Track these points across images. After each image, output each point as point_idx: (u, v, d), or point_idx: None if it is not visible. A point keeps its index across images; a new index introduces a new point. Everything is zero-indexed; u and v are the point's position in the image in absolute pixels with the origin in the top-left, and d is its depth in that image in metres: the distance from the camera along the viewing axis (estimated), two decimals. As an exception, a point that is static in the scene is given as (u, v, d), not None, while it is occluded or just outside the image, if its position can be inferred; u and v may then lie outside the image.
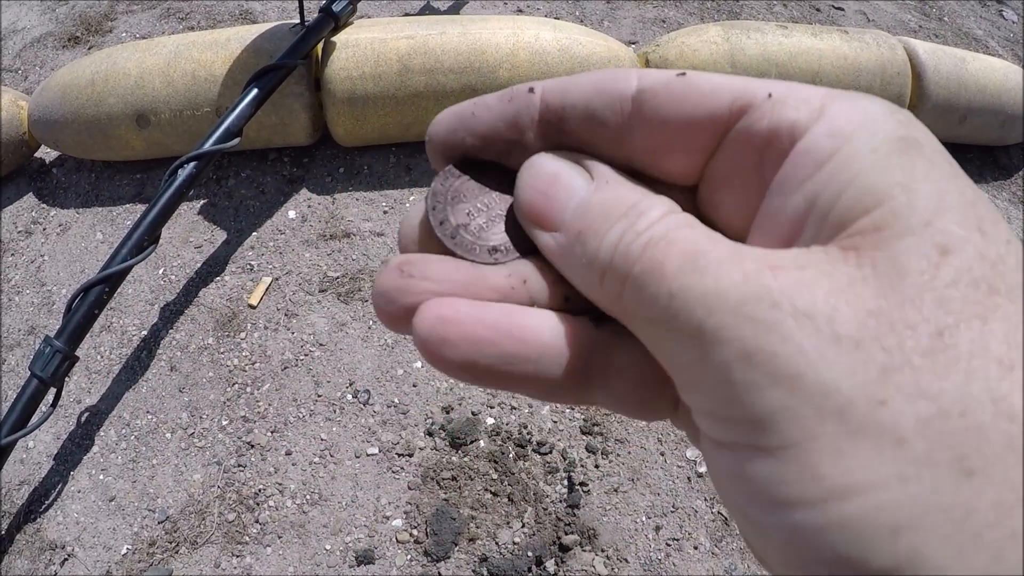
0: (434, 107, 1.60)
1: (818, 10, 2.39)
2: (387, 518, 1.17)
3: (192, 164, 1.28)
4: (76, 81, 1.56)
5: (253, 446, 1.24)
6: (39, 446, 1.25)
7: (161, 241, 1.29)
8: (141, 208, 1.57)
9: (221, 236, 1.54)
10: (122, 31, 2.05)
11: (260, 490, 1.19)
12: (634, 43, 2.11)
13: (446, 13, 2.14)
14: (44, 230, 1.57)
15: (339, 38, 1.59)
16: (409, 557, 1.12)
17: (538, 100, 0.19)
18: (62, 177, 1.68)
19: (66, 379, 1.19)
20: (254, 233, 1.55)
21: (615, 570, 1.12)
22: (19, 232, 1.57)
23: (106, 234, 1.55)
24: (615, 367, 0.18)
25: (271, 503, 1.18)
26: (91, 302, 1.17)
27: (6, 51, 2.01)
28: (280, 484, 1.20)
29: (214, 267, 1.49)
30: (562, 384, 0.17)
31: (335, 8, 1.55)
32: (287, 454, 1.23)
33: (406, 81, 1.57)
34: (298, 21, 1.54)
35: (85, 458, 1.23)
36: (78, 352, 1.18)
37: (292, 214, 1.59)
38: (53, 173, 1.69)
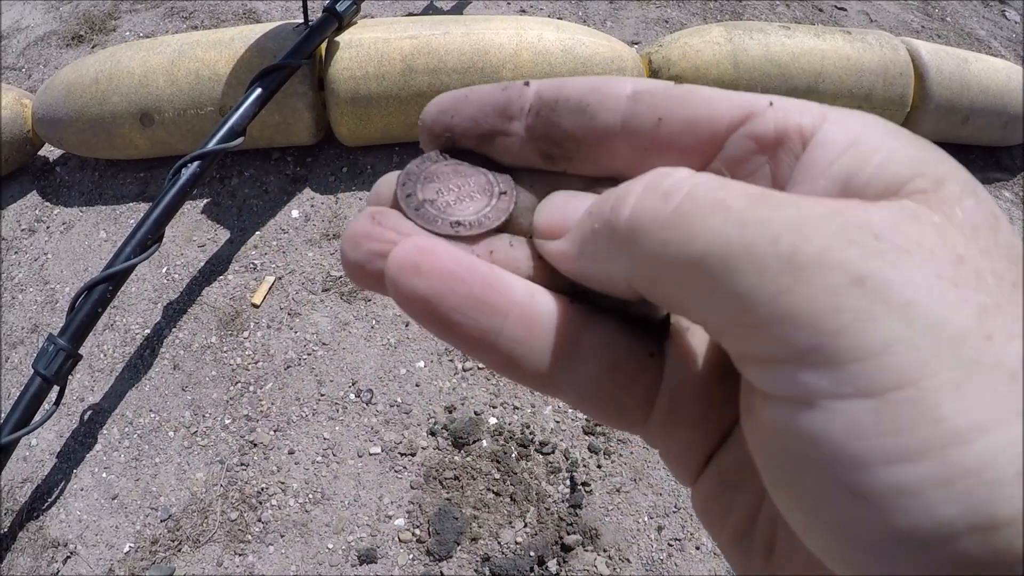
0: (437, 107, 1.60)
1: (821, 10, 2.39)
2: (389, 517, 1.17)
3: (196, 163, 1.29)
4: (80, 79, 1.57)
5: (256, 445, 1.24)
6: (42, 444, 1.25)
7: (164, 240, 1.29)
8: (144, 207, 1.58)
9: (224, 235, 1.55)
10: (126, 30, 2.05)
11: (263, 489, 1.19)
12: (637, 43, 2.11)
13: (449, 13, 2.14)
14: (48, 228, 1.57)
15: (343, 38, 1.59)
16: (411, 556, 1.13)
17: (531, 92, 0.19)
18: (66, 175, 1.68)
19: (69, 377, 1.20)
20: (257, 232, 1.55)
21: (617, 570, 1.13)
22: (23, 230, 1.57)
23: (109, 232, 1.56)
24: (585, 348, 0.17)
25: (274, 502, 1.18)
26: (94, 300, 1.17)
27: (10, 49, 2.01)
28: (283, 483, 1.20)
29: (217, 266, 1.49)
30: (526, 356, 0.17)
31: (339, 8, 1.55)
32: (290, 453, 1.23)
33: (409, 81, 1.57)
34: (302, 21, 1.55)
35: (88, 456, 1.24)
36: (81, 350, 1.18)
37: (295, 213, 1.59)
38: (57, 171, 1.69)
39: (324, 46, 1.59)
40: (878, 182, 0.14)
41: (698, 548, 1.15)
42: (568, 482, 1.21)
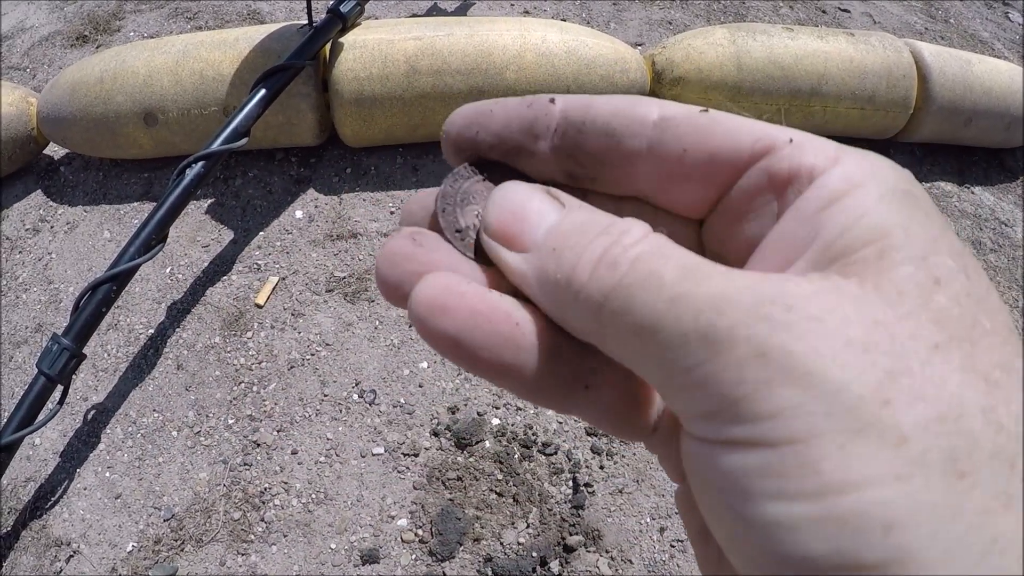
0: (441, 108, 1.60)
1: (824, 12, 2.39)
2: (392, 518, 1.17)
3: (200, 163, 1.29)
4: (85, 78, 1.57)
5: (259, 445, 1.24)
6: (46, 443, 1.25)
7: (168, 240, 1.29)
8: (149, 207, 1.58)
9: (228, 235, 1.55)
10: (130, 30, 2.06)
11: (266, 489, 1.19)
12: (640, 45, 2.11)
13: (453, 14, 2.14)
14: (52, 228, 1.58)
15: (347, 39, 1.60)
16: (414, 557, 1.13)
17: (557, 111, 0.19)
18: (70, 175, 1.68)
19: (73, 377, 1.20)
20: (261, 233, 1.56)
21: (619, 571, 1.13)
22: (27, 230, 1.58)
23: (113, 232, 1.56)
24: (602, 376, 0.18)
25: (277, 502, 1.18)
26: (99, 300, 1.17)
27: (15, 49, 2.02)
28: (286, 483, 1.20)
29: (221, 266, 1.49)
30: (546, 384, 0.17)
31: (343, 9, 1.56)
32: (293, 453, 1.24)
33: (413, 82, 1.57)
34: (306, 22, 1.55)
35: (91, 455, 1.24)
36: (85, 350, 1.18)
37: (299, 214, 1.59)
38: (61, 171, 1.70)
39: (328, 47, 1.59)
40: (839, 244, 0.15)
41: (701, 550, 1.15)
42: (570, 483, 1.21)
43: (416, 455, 1.24)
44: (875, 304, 0.14)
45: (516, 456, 1.24)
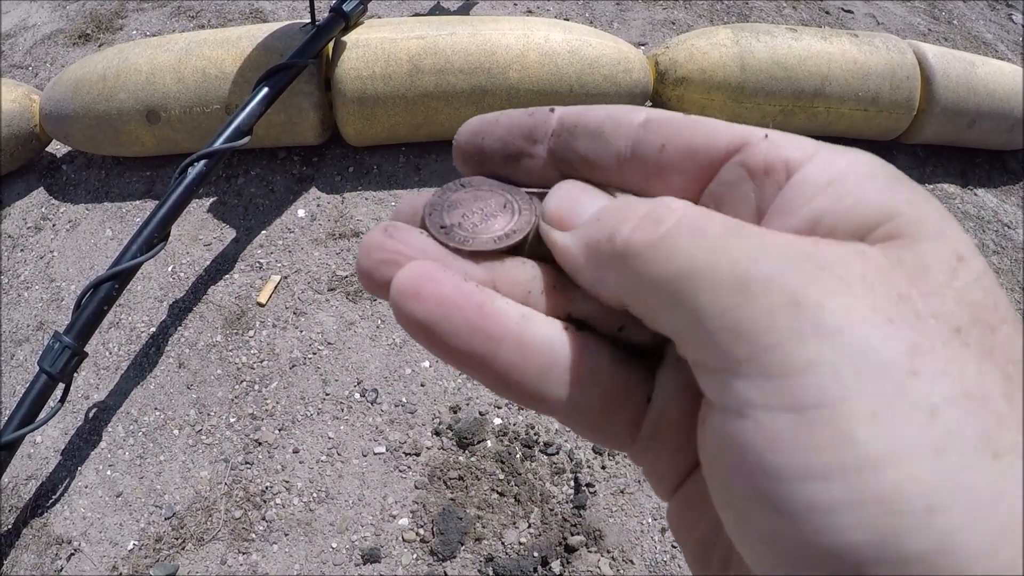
0: (444, 107, 1.60)
1: (827, 13, 2.39)
2: (393, 517, 1.17)
3: (202, 162, 1.29)
4: (88, 76, 1.57)
5: (260, 444, 1.24)
6: (47, 441, 1.25)
7: (171, 238, 1.29)
8: (151, 205, 1.58)
9: (230, 234, 1.55)
10: (132, 29, 2.06)
11: (267, 487, 1.19)
12: (643, 45, 2.11)
13: (456, 13, 2.14)
14: (54, 226, 1.58)
15: (349, 38, 1.60)
16: (415, 556, 1.13)
17: (555, 118, 0.21)
18: (72, 173, 1.68)
19: (75, 375, 1.20)
20: (263, 231, 1.55)
21: (620, 571, 1.12)
22: (29, 228, 1.58)
23: (115, 231, 1.56)
24: (577, 374, 0.18)
25: (278, 501, 1.18)
26: (100, 298, 1.17)
27: (17, 48, 2.02)
28: (287, 482, 1.20)
29: (223, 265, 1.49)
30: (520, 381, 0.17)
31: (345, 8, 1.56)
32: (294, 452, 1.23)
33: (416, 81, 1.57)
34: (309, 20, 1.55)
35: (93, 454, 1.24)
36: (87, 348, 1.18)
37: (301, 213, 1.59)
38: (63, 169, 1.69)
39: (331, 46, 1.59)
40: (846, 225, 0.15)
41: (702, 551, 1.15)
42: (572, 483, 1.21)
43: (418, 454, 1.24)
44: (900, 277, 0.14)
45: (518, 456, 1.24)
